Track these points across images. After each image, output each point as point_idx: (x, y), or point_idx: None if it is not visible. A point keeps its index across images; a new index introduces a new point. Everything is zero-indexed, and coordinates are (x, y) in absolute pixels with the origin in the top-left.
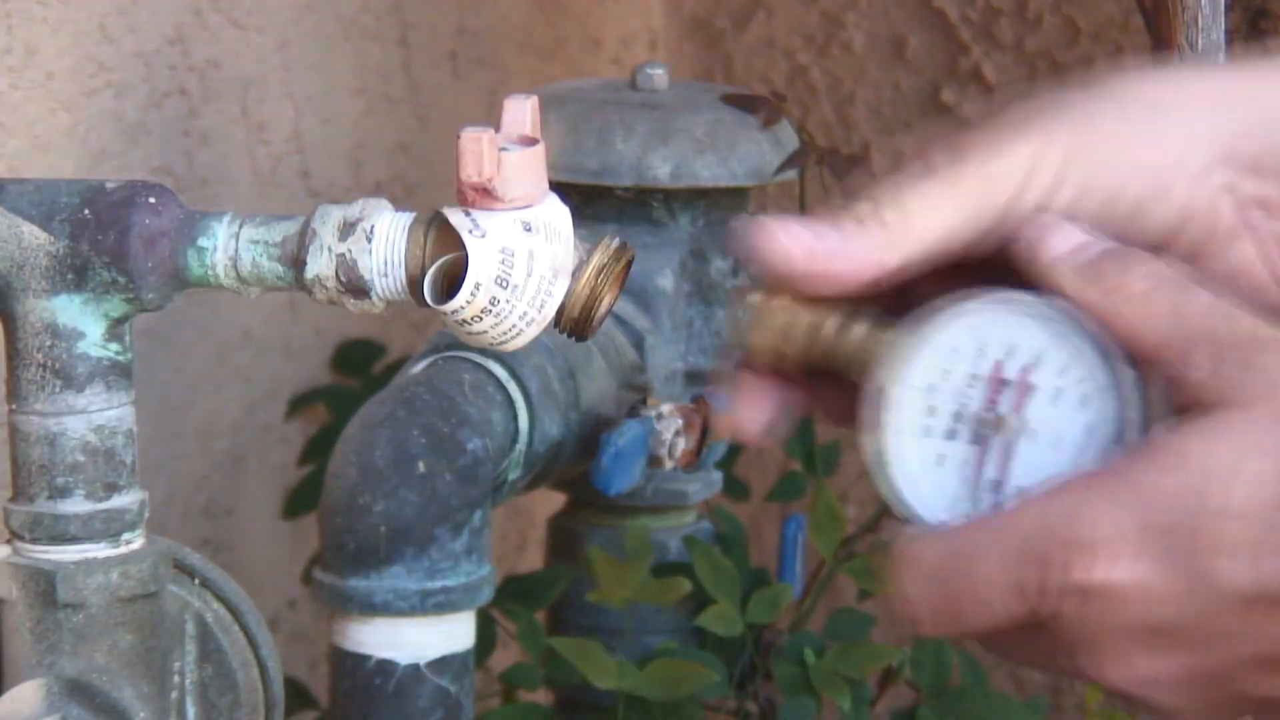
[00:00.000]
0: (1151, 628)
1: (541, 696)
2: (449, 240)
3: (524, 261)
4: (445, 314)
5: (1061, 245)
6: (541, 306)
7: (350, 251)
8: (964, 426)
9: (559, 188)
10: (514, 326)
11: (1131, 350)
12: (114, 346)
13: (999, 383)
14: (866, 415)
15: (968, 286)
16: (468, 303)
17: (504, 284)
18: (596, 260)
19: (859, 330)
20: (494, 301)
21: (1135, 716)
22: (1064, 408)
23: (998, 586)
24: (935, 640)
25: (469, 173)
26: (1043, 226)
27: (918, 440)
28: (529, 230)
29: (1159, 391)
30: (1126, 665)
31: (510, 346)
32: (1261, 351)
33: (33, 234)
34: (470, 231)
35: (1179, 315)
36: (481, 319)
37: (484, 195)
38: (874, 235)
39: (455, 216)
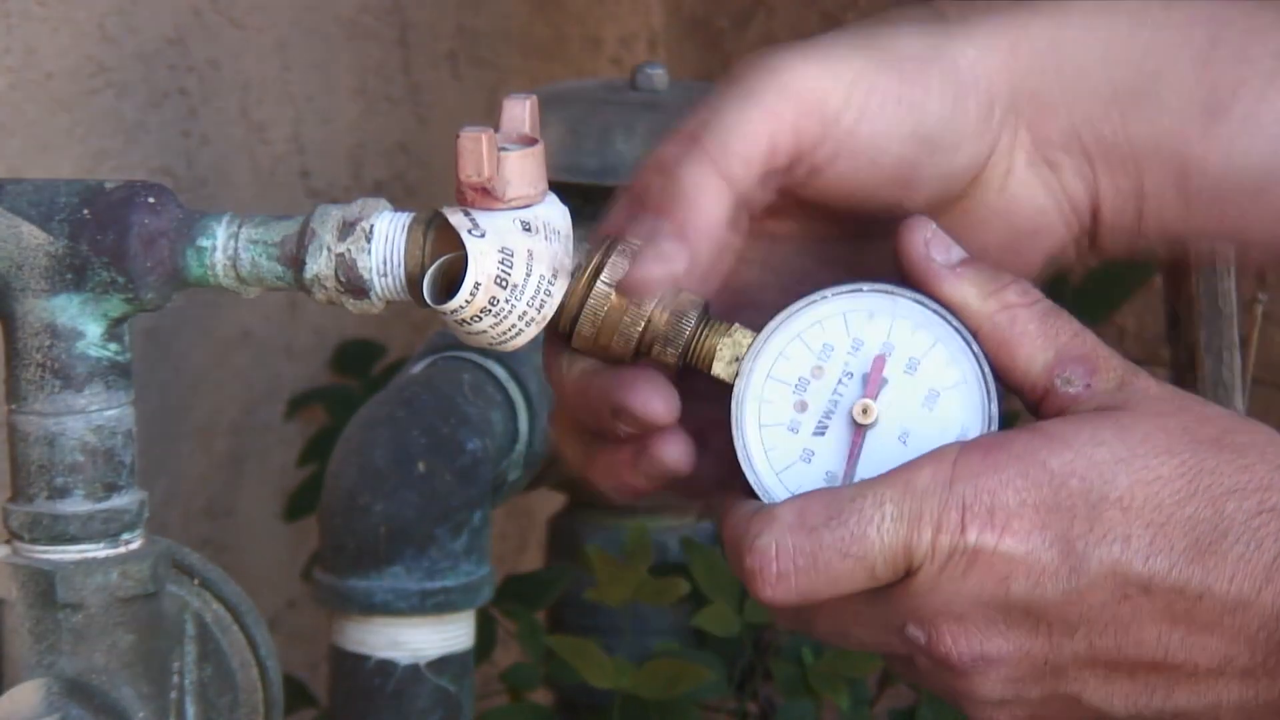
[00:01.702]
0: (1018, 603)
1: (541, 696)
2: (448, 240)
3: (523, 261)
4: (444, 314)
5: (953, 253)
6: (541, 306)
7: (349, 251)
8: (815, 418)
9: (559, 188)
10: (513, 326)
11: (1007, 362)
12: (113, 346)
13: (852, 376)
14: (730, 410)
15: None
16: (467, 302)
17: (503, 284)
18: (597, 259)
19: (718, 328)
20: (493, 301)
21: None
22: (922, 400)
23: (883, 543)
24: None
25: (468, 172)
26: (930, 230)
27: (774, 432)
28: (528, 230)
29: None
30: (979, 638)
31: (510, 346)
32: (1134, 374)
33: (32, 234)
34: (470, 231)
35: (1056, 334)
36: (481, 319)
37: (483, 195)
38: (703, 170)
39: (454, 216)
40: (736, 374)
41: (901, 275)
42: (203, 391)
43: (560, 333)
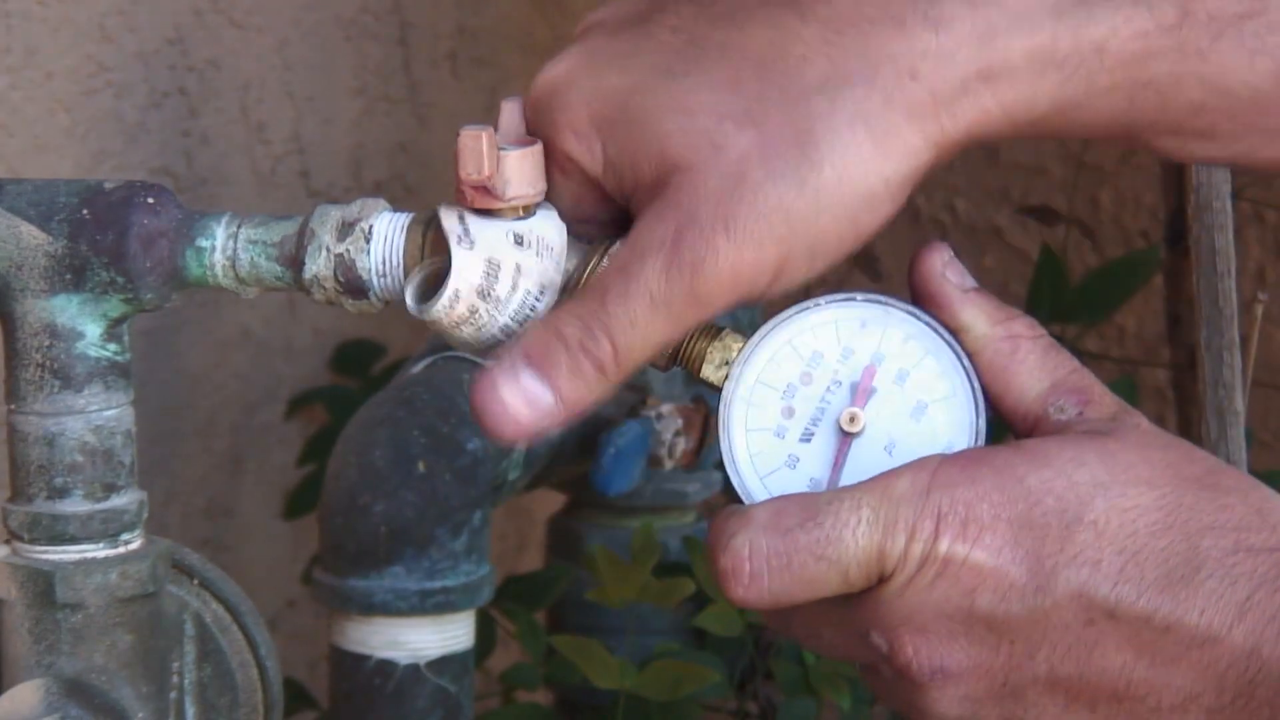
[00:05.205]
0: (982, 616)
1: (541, 696)
2: (447, 241)
3: (509, 275)
4: (425, 317)
5: (966, 280)
6: (524, 321)
7: (348, 252)
8: (801, 424)
9: None
10: (495, 338)
11: (1001, 389)
12: (113, 347)
13: (841, 385)
14: (718, 412)
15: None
16: (446, 311)
17: (486, 295)
18: (594, 263)
19: (708, 331)
20: (473, 311)
21: None
22: (910, 412)
23: (858, 546)
24: None
25: (467, 170)
26: (948, 255)
27: (760, 436)
28: (519, 244)
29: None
30: (940, 651)
31: (495, 356)
32: (1127, 412)
33: (31, 234)
34: (459, 240)
35: (1055, 368)
36: (461, 328)
37: (482, 194)
38: (589, 379)
39: (448, 221)
40: (726, 377)
41: (913, 294)
42: (203, 391)
43: None
